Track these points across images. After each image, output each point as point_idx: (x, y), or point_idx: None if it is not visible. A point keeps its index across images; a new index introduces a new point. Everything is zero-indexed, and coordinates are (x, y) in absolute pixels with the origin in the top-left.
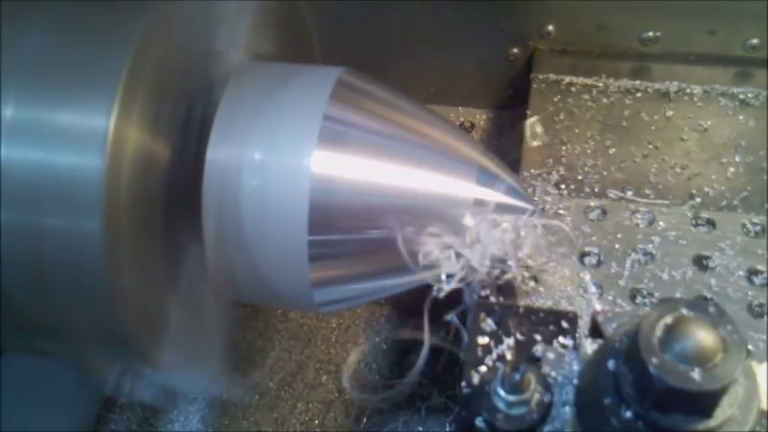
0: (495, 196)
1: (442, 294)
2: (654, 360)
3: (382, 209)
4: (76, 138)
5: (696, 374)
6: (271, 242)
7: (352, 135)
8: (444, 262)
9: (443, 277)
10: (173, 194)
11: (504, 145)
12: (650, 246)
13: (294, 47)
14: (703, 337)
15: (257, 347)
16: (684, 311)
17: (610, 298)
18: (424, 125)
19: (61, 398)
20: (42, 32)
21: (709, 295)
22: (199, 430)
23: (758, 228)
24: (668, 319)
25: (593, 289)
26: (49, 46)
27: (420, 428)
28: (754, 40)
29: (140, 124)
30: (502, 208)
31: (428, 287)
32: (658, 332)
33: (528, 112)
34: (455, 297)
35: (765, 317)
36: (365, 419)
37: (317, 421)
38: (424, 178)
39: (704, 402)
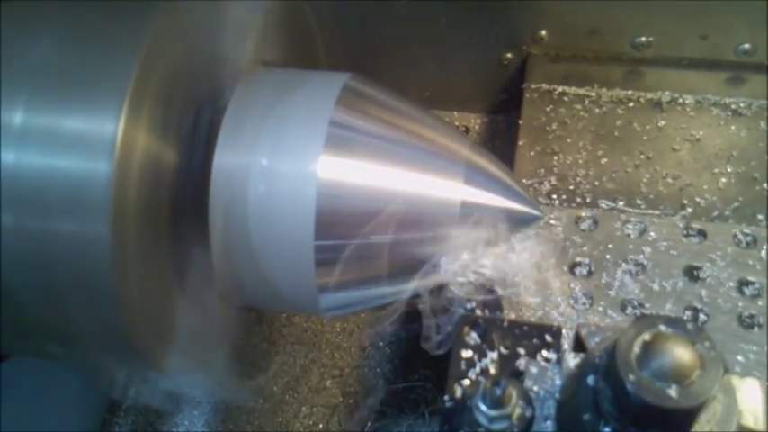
0: (488, 199)
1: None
2: (631, 377)
3: (388, 214)
4: (85, 143)
5: (673, 391)
6: (277, 247)
7: (358, 140)
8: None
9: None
10: (180, 199)
11: (499, 149)
12: (641, 256)
13: (300, 53)
14: (680, 353)
15: (262, 352)
16: (662, 328)
17: (600, 309)
18: (428, 130)
19: (66, 401)
20: (51, 39)
21: (699, 306)
22: None
23: (749, 238)
24: (646, 336)
25: (582, 299)
26: (58, 52)
27: None
28: (746, 45)
29: (148, 130)
30: (502, 214)
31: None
32: (636, 348)
33: (520, 122)
34: None
35: (755, 328)
36: (369, 423)
37: (321, 425)
38: (428, 183)
39: (681, 419)
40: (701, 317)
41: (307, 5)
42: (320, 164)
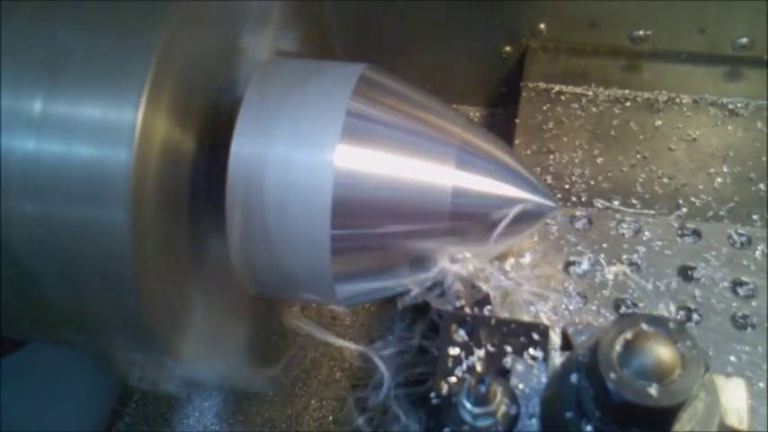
0: (488, 186)
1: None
2: (612, 375)
3: (404, 203)
4: (105, 130)
5: (653, 390)
6: (294, 236)
7: (374, 130)
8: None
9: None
10: (198, 187)
11: None
12: (635, 256)
13: (316, 43)
14: (661, 352)
15: (272, 344)
16: (644, 327)
17: (594, 308)
18: (445, 121)
19: (77, 392)
20: (71, 27)
21: (693, 306)
22: (213, 425)
23: (744, 239)
24: (628, 335)
25: (576, 298)
26: (77, 40)
27: None
28: (744, 39)
29: (167, 118)
30: (506, 203)
31: None
32: (618, 347)
33: (517, 120)
34: None
35: (749, 328)
36: (378, 416)
37: (330, 418)
38: (443, 173)
39: (662, 418)
40: (695, 317)
41: None
42: (337, 153)
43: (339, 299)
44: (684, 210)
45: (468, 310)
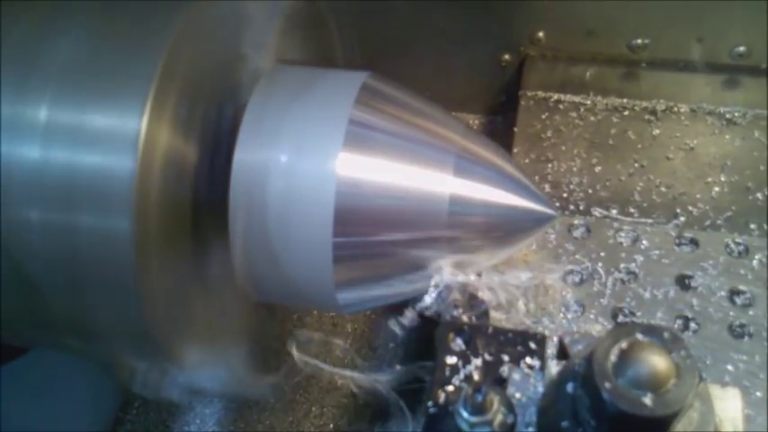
0: (486, 193)
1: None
2: (607, 385)
3: (404, 211)
4: (109, 139)
5: (648, 400)
6: (296, 243)
7: (376, 138)
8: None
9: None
10: (201, 195)
11: None
12: (633, 264)
13: (319, 51)
14: (656, 362)
15: (273, 351)
16: (639, 336)
17: (591, 316)
18: (448, 130)
19: (79, 399)
20: (77, 36)
21: (690, 315)
22: None
23: (741, 247)
24: (623, 344)
25: (574, 307)
26: (82, 49)
27: None
28: (741, 48)
29: (171, 126)
30: (506, 212)
31: None
32: (613, 357)
33: (515, 129)
34: None
35: (746, 337)
36: (380, 423)
37: (331, 425)
38: (441, 180)
39: (656, 427)
40: (692, 326)
41: (326, 4)
42: (339, 161)
43: (341, 306)
44: (682, 219)
45: (465, 318)
